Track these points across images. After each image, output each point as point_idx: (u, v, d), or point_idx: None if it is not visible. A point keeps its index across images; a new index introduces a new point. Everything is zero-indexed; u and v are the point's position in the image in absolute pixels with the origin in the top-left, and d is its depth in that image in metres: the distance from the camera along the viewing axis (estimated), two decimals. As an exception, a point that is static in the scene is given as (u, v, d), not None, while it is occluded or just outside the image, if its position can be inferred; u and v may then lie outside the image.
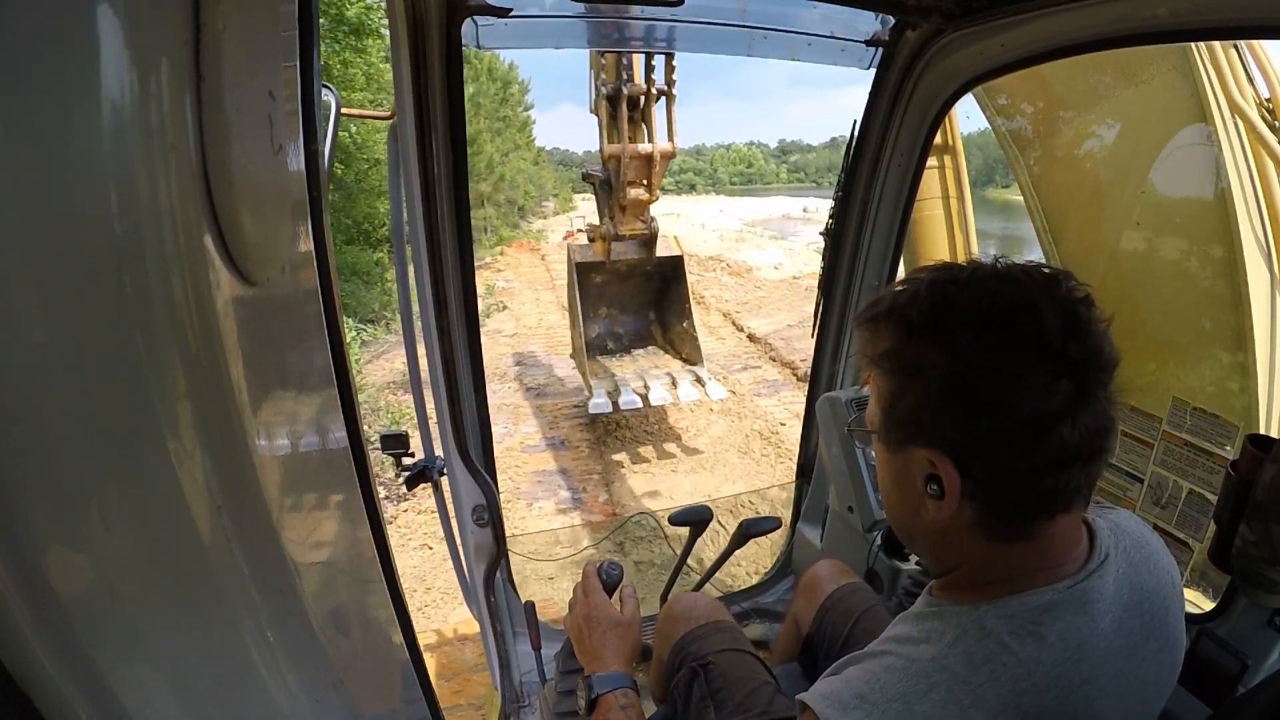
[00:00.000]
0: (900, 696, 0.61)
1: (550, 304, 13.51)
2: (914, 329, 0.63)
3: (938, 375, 0.61)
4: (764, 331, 10.86)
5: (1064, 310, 0.60)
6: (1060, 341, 0.58)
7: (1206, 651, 1.13)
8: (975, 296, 0.62)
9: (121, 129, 0.31)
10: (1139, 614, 0.67)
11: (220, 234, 0.38)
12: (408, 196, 1.43)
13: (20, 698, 0.31)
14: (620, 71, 5.44)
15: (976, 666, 0.60)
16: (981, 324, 0.60)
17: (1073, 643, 0.62)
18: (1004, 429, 0.60)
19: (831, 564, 1.49)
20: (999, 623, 0.62)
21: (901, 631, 0.69)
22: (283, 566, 0.46)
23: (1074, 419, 0.58)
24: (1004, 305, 0.61)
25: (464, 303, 1.59)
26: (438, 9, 1.33)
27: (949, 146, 3.07)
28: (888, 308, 0.66)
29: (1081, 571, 0.65)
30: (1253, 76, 1.99)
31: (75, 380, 0.32)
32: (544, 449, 6.79)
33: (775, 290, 14.70)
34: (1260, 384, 1.94)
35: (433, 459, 1.62)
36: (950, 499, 0.63)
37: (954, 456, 0.62)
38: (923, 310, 0.63)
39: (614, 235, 6.09)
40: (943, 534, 0.67)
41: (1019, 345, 0.59)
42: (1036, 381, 0.58)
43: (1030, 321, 0.59)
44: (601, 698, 0.95)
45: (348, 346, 0.67)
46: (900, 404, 0.65)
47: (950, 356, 0.61)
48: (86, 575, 0.34)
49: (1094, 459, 0.62)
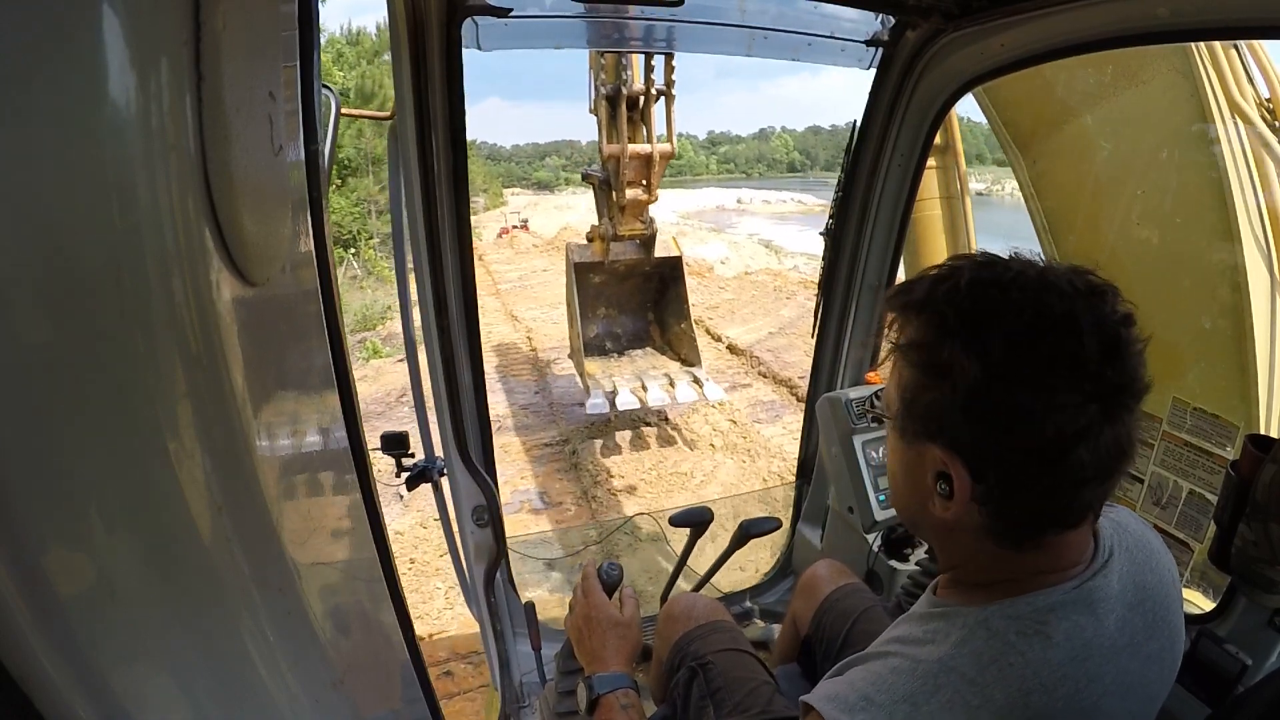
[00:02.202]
0: (907, 697, 0.61)
1: (496, 312, 12.34)
2: (948, 327, 0.61)
3: (965, 379, 0.59)
4: (746, 342, 9.81)
5: (1106, 332, 0.58)
6: (1098, 365, 0.57)
7: (1206, 651, 1.13)
8: (1017, 305, 0.59)
9: (121, 129, 0.31)
10: (1142, 612, 0.67)
11: (220, 234, 0.38)
12: (408, 196, 1.43)
13: (20, 698, 0.31)
14: (620, 72, 5.43)
15: (984, 667, 0.60)
16: (1020, 336, 0.58)
17: (1079, 642, 0.62)
18: (1025, 444, 0.59)
19: (830, 564, 1.49)
20: (1005, 623, 0.62)
21: (906, 632, 0.69)
22: (283, 566, 0.46)
23: (1096, 441, 0.57)
24: (1046, 320, 0.58)
25: (464, 303, 1.59)
26: (438, 9, 1.33)
27: (949, 146, 3.07)
28: (923, 298, 0.63)
29: (1087, 571, 0.65)
30: (1253, 76, 1.99)
31: (75, 380, 0.32)
32: (516, 508, 5.22)
33: (742, 290, 13.72)
34: (1260, 384, 1.94)
35: (433, 459, 1.62)
36: (959, 500, 0.62)
37: (968, 461, 0.61)
38: (961, 310, 0.61)
39: (613, 235, 6.08)
40: (949, 531, 0.67)
41: (1055, 363, 0.57)
42: (1066, 401, 0.57)
43: (1071, 341, 0.57)
44: (602, 698, 0.95)
45: (348, 346, 0.67)
46: (921, 399, 0.63)
47: (982, 364, 0.58)
48: (86, 575, 0.34)
49: (1110, 478, 0.61)
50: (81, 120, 0.30)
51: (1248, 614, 1.14)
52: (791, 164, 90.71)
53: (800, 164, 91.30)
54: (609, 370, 6.52)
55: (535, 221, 24.27)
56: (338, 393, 0.63)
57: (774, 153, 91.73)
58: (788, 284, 14.21)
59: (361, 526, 0.68)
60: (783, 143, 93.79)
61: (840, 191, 1.98)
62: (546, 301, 13.27)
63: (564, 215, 28.61)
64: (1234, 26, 1.17)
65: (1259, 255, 1.95)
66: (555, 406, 7.72)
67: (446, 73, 1.39)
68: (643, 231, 6.16)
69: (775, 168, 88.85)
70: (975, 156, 18.89)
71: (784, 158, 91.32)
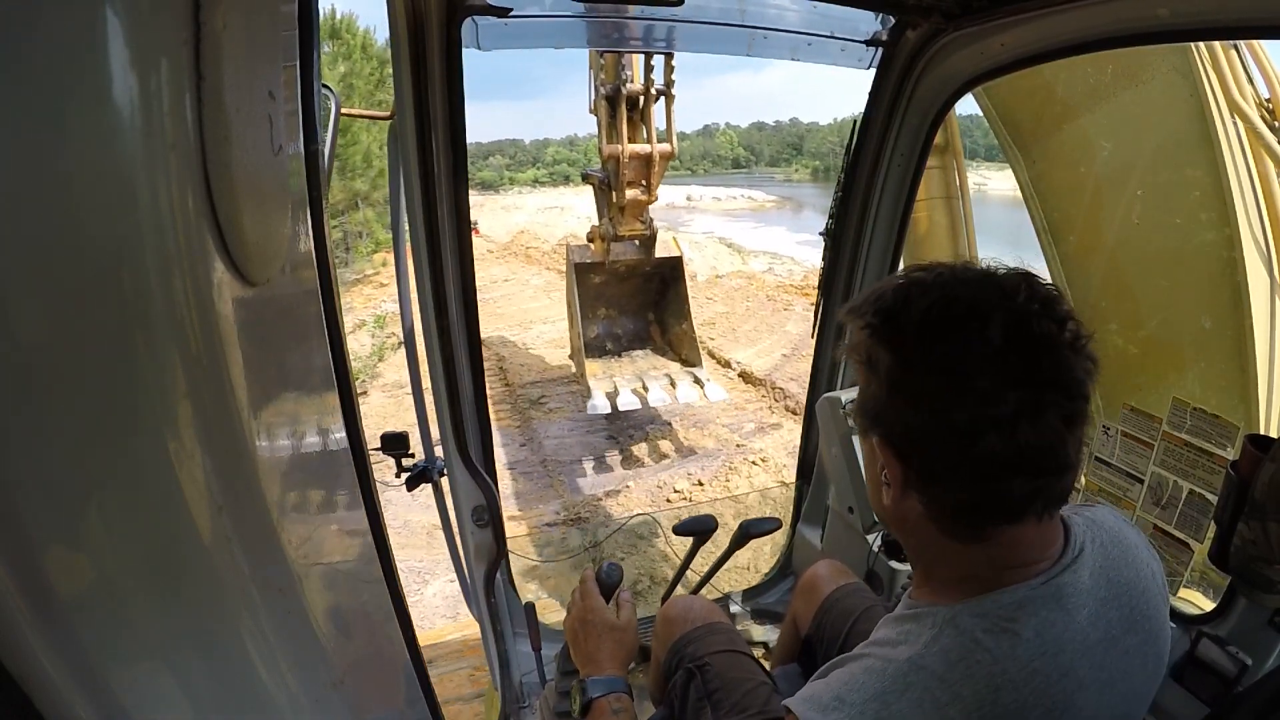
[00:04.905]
0: (877, 696, 0.62)
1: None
2: (872, 327, 0.66)
3: (884, 369, 0.64)
4: (761, 368, 8.21)
5: (1013, 320, 0.59)
6: (1002, 351, 0.59)
7: (1206, 652, 1.13)
8: (929, 300, 0.63)
9: (121, 129, 0.31)
10: (1117, 607, 0.67)
11: (220, 234, 0.38)
12: (408, 196, 1.42)
13: (20, 698, 0.31)
14: (619, 72, 5.43)
15: (952, 664, 0.62)
16: (929, 327, 0.62)
17: (1048, 637, 0.62)
18: (936, 428, 0.61)
19: (830, 564, 1.49)
20: (973, 621, 0.63)
21: (882, 634, 0.70)
22: (283, 566, 0.46)
23: (1011, 431, 0.58)
24: (953, 308, 0.62)
25: (464, 303, 1.59)
26: (438, 9, 1.33)
27: (949, 146, 3.07)
28: (858, 305, 0.69)
29: (1055, 567, 0.66)
30: (1253, 76, 1.99)
31: (76, 380, 0.32)
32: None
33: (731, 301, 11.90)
34: (1260, 384, 1.94)
35: (433, 459, 1.62)
36: (894, 488, 0.66)
37: (895, 447, 0.65)
38: (882, 309, 0.66)
39: (613, 236, 6.09)
40: (903, 523, 0.69)
41: (963, 349, 0.60)
42: (980, 388, 0.58)
43: (974, 324, 0.60)
44: (595, 701, 0.96)
45: (348, 346, 0.67)
46: (863, 394, 0.68)
47: (896, 353, 0.63)
48: (86, 575, 0.34)
49: (1040, 475, 0.61)
50: (81, 120, 0.30)
51: (1247, 614, 1.14)
52: (736, 160, 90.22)
53: (745, 160, 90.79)
54: (610, 370, 6.52)
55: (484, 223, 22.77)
56: (338, 393, 0.63)
57: (719, 149, 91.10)
58: (764, 287, 12.97)
59: (361, 526, 0.68)
60: (727, 139, 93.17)
61: (840, 191, 1.97)
62: (515, 320, 11.07)
63: (512, 216, 27.03)
64: (1234, 26, 1.17)
65: (1258, 255, 1.95)
66: (550, 465, 6.00)
67: (446, 72, 1.39)
68: (643, 232, 6.17)
69: (720, 164, 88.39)
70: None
71: (729, 154, 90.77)
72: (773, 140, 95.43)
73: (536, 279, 14.82)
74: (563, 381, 7.99)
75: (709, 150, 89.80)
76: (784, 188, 57.18)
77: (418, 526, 4.90)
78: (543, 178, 67.24)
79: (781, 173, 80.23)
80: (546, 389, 7.83)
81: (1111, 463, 1.69)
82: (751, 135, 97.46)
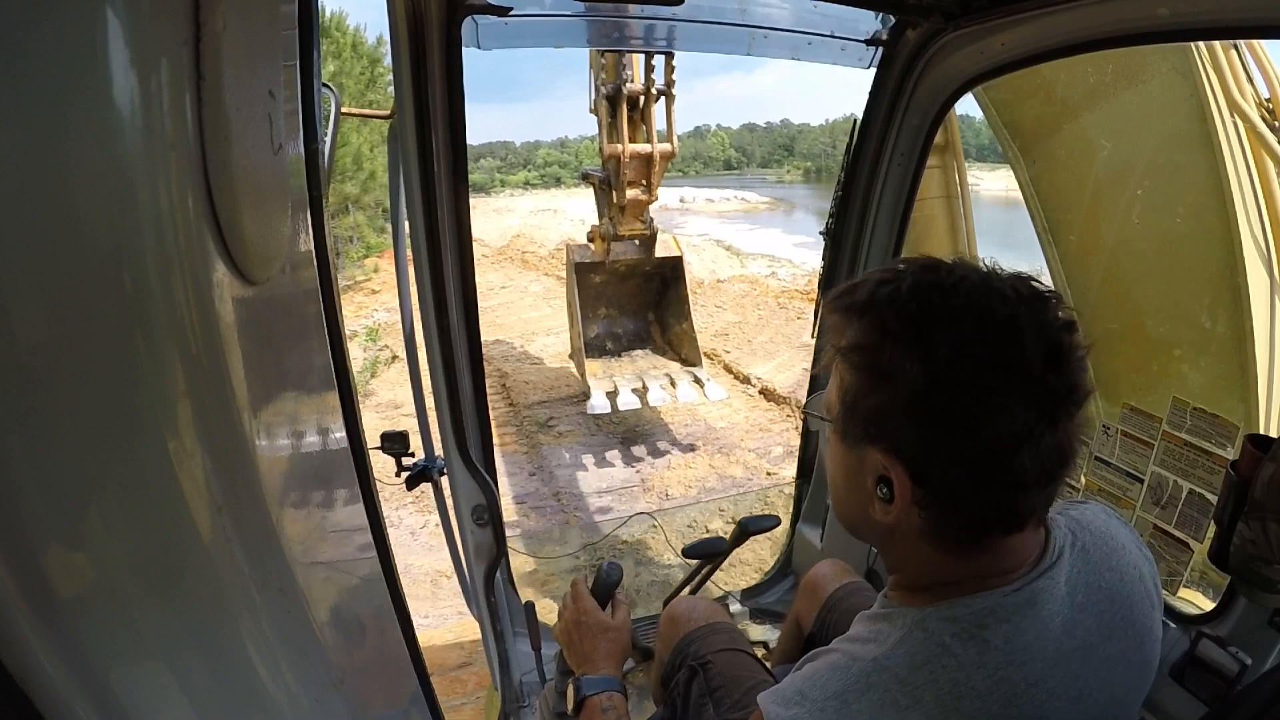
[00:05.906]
0: (838, 694, 0.62)
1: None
2: (891, 330, 0.60)
3: (908, 383, 0.58)
4: (783, 385, 7.57)
5: (1048, 338, 0.58)
6: (1040, 371, 0.57)
7: (1206, 651, 1.13)
8: (961, 309, 0.59)
9: (121, 129, 0.31)
10: (1095, 614, 0.66)
11: (220, 234, 0.38)
12: (408, 196, 1.42)
13: (20, 698, 0.31)
14: (620, 71, 5.43)
15: (916, 668, 0.60)
16: (964, 341, 0.58)
17: (1018, 645, 0.61)
18: (967, 449, 0.58)
19: (833, 564, 1.49)
20: (942, 625, 0.62)
21: (855, 631, 0.69)
22: (283, 566, 0.46)
23: (1038, 447, 0.58)
24: (989, 325, 0.58)
25: (464, 303, 1.59)
26: (438, 8, 1.33)
27: (949, 146, 3.07)
28: (866, 300, 0.63)
29: (1031, 573, 0.64)
30: (1253, 76, 1.99)
31: (75, 380, 0.32)
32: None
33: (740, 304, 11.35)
34: (1260, 384, 1.94)
35: (433, 459, 1.62)
36: (900, 504, 0.62)
37: (910, 465, 0.60)
38: (904, 313, 0.60)
39: (613, 235, 6.09)
40: (889, 533, 0.66)
41: (998, 369, 0.57)
42: (1008, 406, 0.57)
43: (1013, 347, 0.57)
44: (587, 700, 0.97)
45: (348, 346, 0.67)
46: (864, 402, 0.63)
47: (925, 368, 0.58)
48: (86, 575, 0.34)
49: (1051, 483, 0.61)
50: (82, 120, 0.30)
51: (1247, 614, 1.14)
52: (727, 161, 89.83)
53: (737, 161, 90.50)
54: (610, 370, 6.52)
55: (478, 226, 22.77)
56: (338, 392, 0.63)
57: (710, 150, 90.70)
58: (770, 293, 12.43)
59: (361, 526, 0.68)
60: (719, 140, 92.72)
61: (840, 191, 1.97)
62: (516, 330, 10.25)
63: (505, 219, 26.07)
64: (1234, 26, 1.17)
65: (1258, 255, 1.95)
66: (564, 498, 5.39)
67: (446, 72, 1.39)
68: (643, 231, 6.16)
69: (712, 165, 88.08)
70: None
71: (720, 155, 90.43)
72: (764, 141, 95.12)
73: (535, 285, 14.17)
74: (572, 400, 7.30)
75: (700, 152, 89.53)
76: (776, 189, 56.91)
77: (420, 573, 4.18)
78: (534, 180, 66.81)
79: (773, 174, 79.77)
80: (555, 409, 7.18)
81: (1111, 462, 1.69)
82: (743, 137, 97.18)
